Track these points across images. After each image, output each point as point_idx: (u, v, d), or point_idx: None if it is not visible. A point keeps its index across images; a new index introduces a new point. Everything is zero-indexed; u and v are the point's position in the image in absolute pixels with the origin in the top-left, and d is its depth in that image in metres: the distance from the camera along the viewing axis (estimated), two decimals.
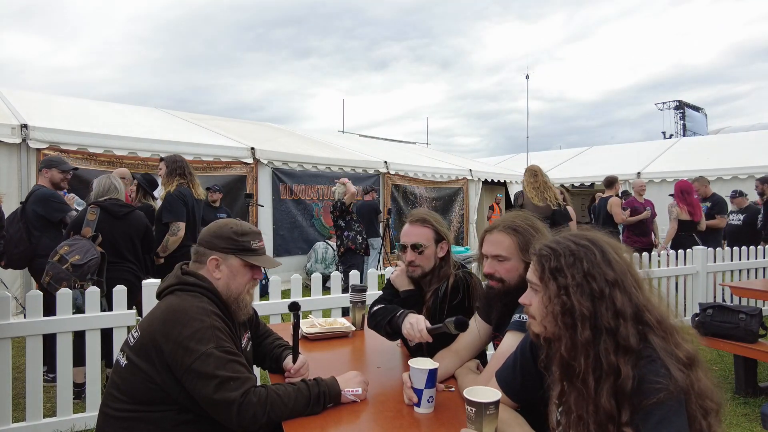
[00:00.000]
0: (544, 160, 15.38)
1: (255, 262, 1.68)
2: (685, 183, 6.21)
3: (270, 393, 1.46)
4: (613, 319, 1.10)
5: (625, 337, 1.08)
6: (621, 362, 1.07)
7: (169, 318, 1.50)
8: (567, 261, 1.16)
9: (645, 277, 1.22)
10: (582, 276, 1.14)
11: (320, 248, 7.99)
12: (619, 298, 1.11)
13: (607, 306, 1.11)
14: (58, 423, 2.95)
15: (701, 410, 1.07)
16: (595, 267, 1.14)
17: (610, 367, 1.07)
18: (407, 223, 2.03)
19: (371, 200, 7.65)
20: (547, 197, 4.92)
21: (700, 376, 1.09)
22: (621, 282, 1.13)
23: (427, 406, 1.49)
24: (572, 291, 1.13)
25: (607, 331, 1.10)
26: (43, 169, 3.94)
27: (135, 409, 1.49)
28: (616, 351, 1.08)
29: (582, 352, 1.10)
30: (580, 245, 1.18)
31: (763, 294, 4.09)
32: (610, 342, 1.09)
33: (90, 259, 3.24)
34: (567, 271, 1.15)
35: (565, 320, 1.13)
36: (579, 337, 1.11)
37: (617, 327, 1.09)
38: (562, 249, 1.18)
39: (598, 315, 1.11)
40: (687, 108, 33.84)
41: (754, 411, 3.28)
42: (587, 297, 1.12)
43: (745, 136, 14.29)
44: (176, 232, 3.81)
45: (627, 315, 1.10)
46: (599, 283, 1.12)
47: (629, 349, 1.08)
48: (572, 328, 1.12)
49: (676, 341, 1.10)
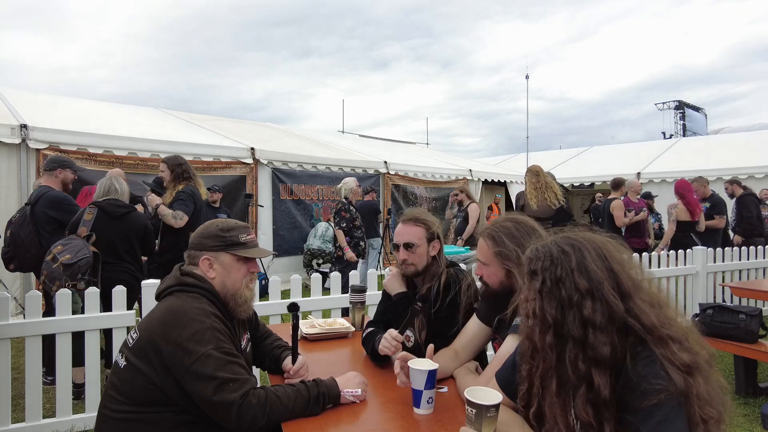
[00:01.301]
0: (544, 160, 15.37)
1: (246, 255, 1.69)
2: (684, 182, 6.22)
3: (269, 394, 1.46)
4: (580, 328, 1.10)
5: (594, 347, 1.08)
6: (593, 372, 1.07)
7: (169, 319, 1.50)
8: (543, 265, 1.18)
9: (645, 279, 1.20)
10: (553, 282, 1.15)
11: (321, 227, 7.87)
12: (589, 306, 1.10)
13: (574, 314, 1.11)
14: (57, 424, 2.94)
15: (701, 416, 1.06)
16: (567, 274, 1.14)
17: (579, 376, 1.08)
18: (400, 223, 2.09)
19: (371, 200, 7.64)
20: (547, 197, 4.91)
21: (700, 382, 1.08)
22: (596, 291, 1.12)
23: (427, 407, 1.48)
24: (543, 295, 1.15)
25: (574, 340, 1.10)
26: (57, 169, 3.87)
27: (134, 410, 1.49)
28: (584, 360, 1.08)
29: (548, 355, 1.12)
30: (561, 250, 1.18)
31: (763, 294, 4.09)
32: (578, 350, 1.09)
33: (81, 258, 3.22)
34: (540, 275, 1.17)
35: (531, 320, 1.17)
36: (545, 340, 1.13)
37: (585, 336, 1.09)
38: (543, 253, 1.20)
39: (564, 322, 1.11)
40: (687, 108, 33.84)
41: (754, 411, 3.28)
42: (555, 303, 1.13)
43: (744, 136, 14.29)
44: (176, 216, 3.76)
45: (597, 324, 1.09)
46: (568, 291, 1.12)
47: (599, 359, 1.07)
48: (540, 330, 1.15)
49: (671, 350, 1.08)
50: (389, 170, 9.42)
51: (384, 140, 15.67)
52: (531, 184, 5.06)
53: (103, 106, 8.92)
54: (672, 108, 33.65)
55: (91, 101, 9.33)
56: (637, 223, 6.35)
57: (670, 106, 33.77)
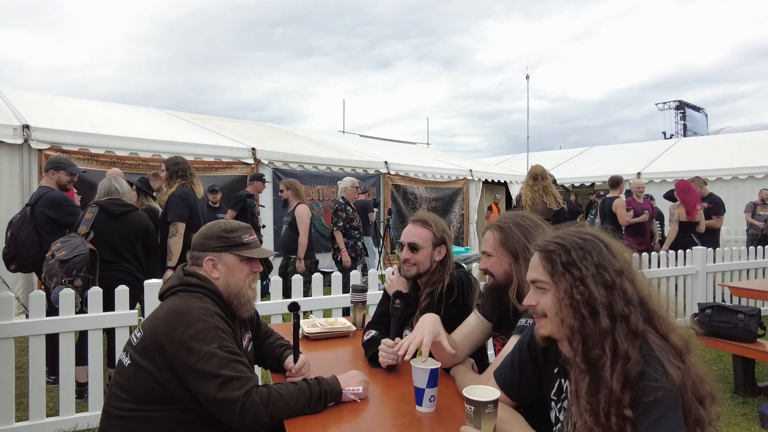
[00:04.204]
0: (544, 160, 15.36)
1: (249, 255, 1.71)
2: (684, 183, 6.24)
3: (272, 392, 1.47)
4: (626, 306, 1.15)
5: (635, 323, 1.14)
6: (630, 347, 1.11)
7: (172, 318, 1.52)
8: (578, 255, 1.20)
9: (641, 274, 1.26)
10: (595, 267, 1.18)
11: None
12: (628, 286, 1.17)
13: (619, 294, 1.16)
14: (60, 422, 2.96)
15: (696, 398, 1.11)
16: (605, 258, 1.19)
17: (624, 353, 1.11)
18: (410, 223, 2.08)
19: (364, 200, 7.62)
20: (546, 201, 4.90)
21: (694, 361, 1.14)
22: (626, 272, 1.19)
23: (429, 406, 1.49)
24: (589, 282, 1.17)
25: (622, 318, 1.15)
26: (50, 170, 3.91)
27: (138, 408, 1.51)
28: (627, 336, 1.13)
29: (606, 339, 1.14)
30: (586, 239, 1.23)
31: (762, 294, 4.10)
32: (624, 328, 1.14)
33: (76, 255, 3.24)
34: (580, 264, 1.19)
35: (585, 310, 1.16)
36: (601, 325, 1.15)
37: (629, 313, 1.15)
38: (570, 244, 1.23)
39: (613, 303, 1.16)
40: (687, 108, 33.85)
41: (753, 411, 3.29)
42: (602, 287, 1.17)
43: (745, 136, 14.29)
44: (175, 233, 3.81)
45: (635, 302, 1.16)
46: (610, 274, 1.18)
47: (638, 333, 1.13)
48: (593, 317, 1.16)
49: (670, 326, 1.17)
50: (389, 170, 9.43)
51: (384, 140, 15.68)
52: (528, 187, 5.06)
53: (104, 106, 8.94)
54: (672, 108, 33.67)
55: (93, 101, 9.35)
56: (639, 223, 6.36)
57: (670, 106, 33.79)
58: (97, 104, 9.03)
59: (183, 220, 3.84)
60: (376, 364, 1.87)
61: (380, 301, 2.23)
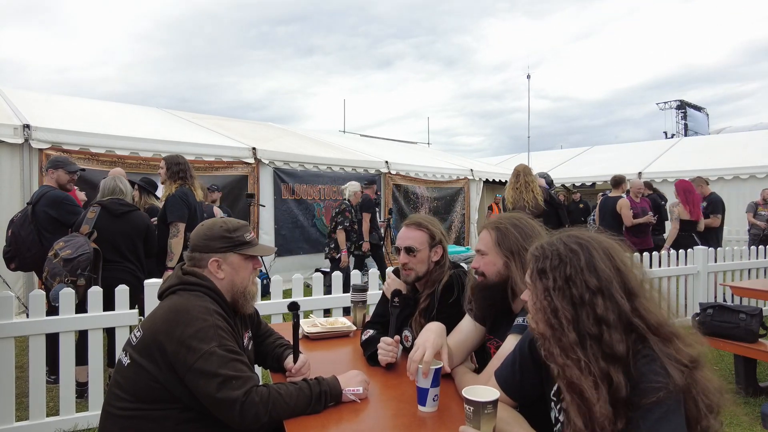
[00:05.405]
0: (545, 159, 15.38)
1: (253, 253, 1.73)
2: (685, 182, 6.24)
3: (272, 392, 1.47)
4: (595, 326, 1.10)
5: (610, 345, 1.09)
6: (611, 370, 1.07)
7: (172, 317, 1.52)
8: (552, 264, 1.18)
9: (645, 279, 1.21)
10: (563, 280, 1.15)
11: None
12: (601, 305, 1.11)
13: (588, 312, 1.12)
14: (61, 422, 2.96)
15: (704, 408, 1.08)
16: (578, 273, 1.14)
17: (602, 373, 1.08)
18: (403, 227, 2.08)
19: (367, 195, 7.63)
20: (524, 198, 4.84)
21: (705, 375, 1.10)
22: (606, 289, 1.13)
23: (432, 405, 1.49)
24: (554, 294, 1.15)
25: (591, 337, 1.10)
26: (49, 169, 3.92)
27: (138, 407, 1.50)
28: (604, 358, 1.09)
29: (571, 353, 1.11)
30: (569, 248, 1.19)
31: (764, 294, 4.09)
32: (596, 348, 1.10)
33: (81, 254, 3.25)
34: (550, 273, 1.17)
35: (551, 320, 1.15)
36: (566, 339, 1.12)
37: (600, 334, 1.10)
38: (550, 251, 1.20)
39: (579, 320, 1.12)
40: (688, 107, 33.80)
41: (755, 411, 3.28)
42: (567, 301, 1.14)
43: (746, 135, 14.26)
44: (176, 233, 3.82)
45: (610, 322, 1.10)
46: (579, 289, 1.13)
47: (616, 356, 1.08)
48: (558, 329, 1.14)
49: (676, 347, 1.10)
50: (390, 170, 9.42)
51: (385, 140, 15.68)
52: (510, 185, 5.04)
53: (104, 105, 8.94)
54: (673, 108, 33.62)
55: (93, 101, 9.35)
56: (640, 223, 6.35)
57: (671, 105, 33.74)
58: (98, 104, 9.03)
59: (183, 221, 3.84)
60: (375, 363, 1.87)
61: (379, 301, 2.22)
